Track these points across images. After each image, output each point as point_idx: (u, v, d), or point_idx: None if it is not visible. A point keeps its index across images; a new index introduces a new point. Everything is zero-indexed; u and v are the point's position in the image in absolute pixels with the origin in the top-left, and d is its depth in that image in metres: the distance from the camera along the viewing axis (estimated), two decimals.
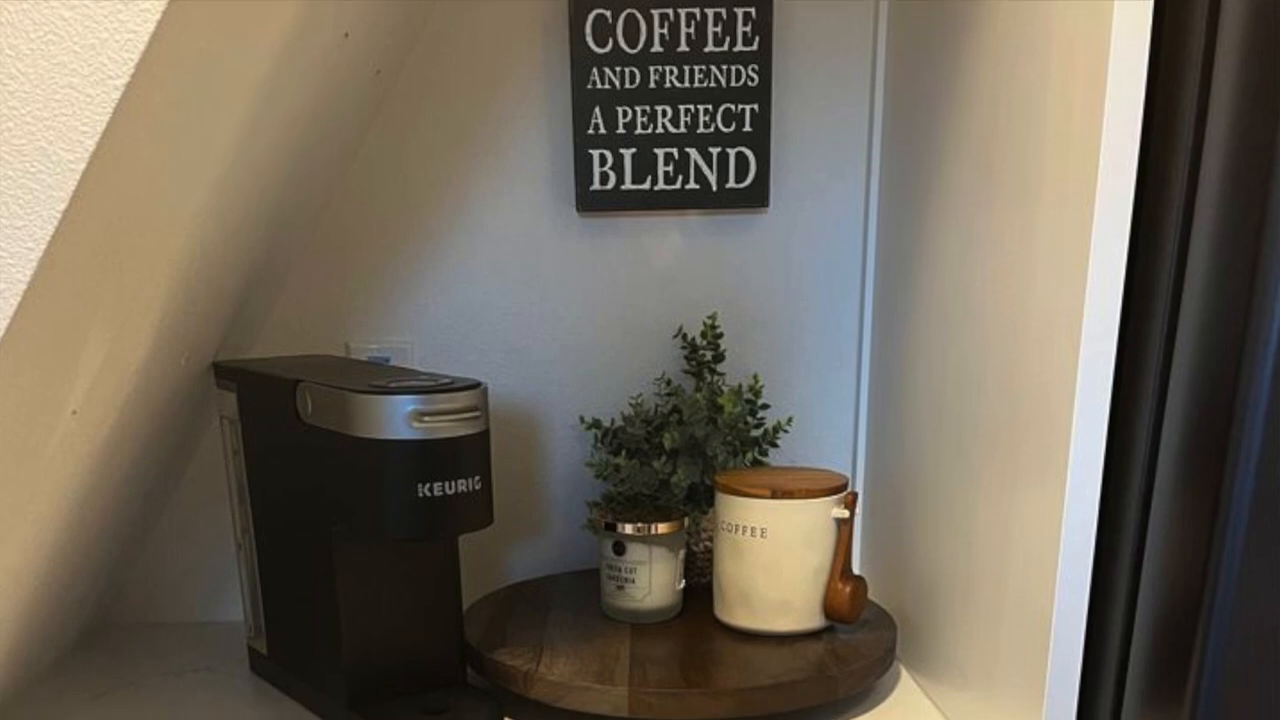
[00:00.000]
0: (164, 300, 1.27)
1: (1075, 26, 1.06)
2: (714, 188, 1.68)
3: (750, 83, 1.65)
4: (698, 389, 1.65)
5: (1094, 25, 1.03)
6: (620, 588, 1.54)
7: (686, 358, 1.70)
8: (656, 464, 1.61)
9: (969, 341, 1.34)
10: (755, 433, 1.66)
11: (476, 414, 1.30)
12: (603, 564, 1.56)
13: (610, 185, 1.67)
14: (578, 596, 1.65)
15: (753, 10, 1.62)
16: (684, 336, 1.73)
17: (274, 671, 1.54)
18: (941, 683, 1.44)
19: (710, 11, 1.62)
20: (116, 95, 0.95)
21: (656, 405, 1.68)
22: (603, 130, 1.65)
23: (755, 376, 1.69)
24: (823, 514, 1.47)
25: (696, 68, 1.64)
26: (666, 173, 1.67)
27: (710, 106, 1.65)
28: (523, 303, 1.73)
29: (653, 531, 1.51)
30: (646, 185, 1.67)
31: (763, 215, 1.72)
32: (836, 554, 1.48)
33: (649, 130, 1.66)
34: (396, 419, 1.25)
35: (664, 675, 1.38)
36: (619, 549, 1.53)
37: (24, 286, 0.98)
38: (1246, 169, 0.95)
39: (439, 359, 1.73)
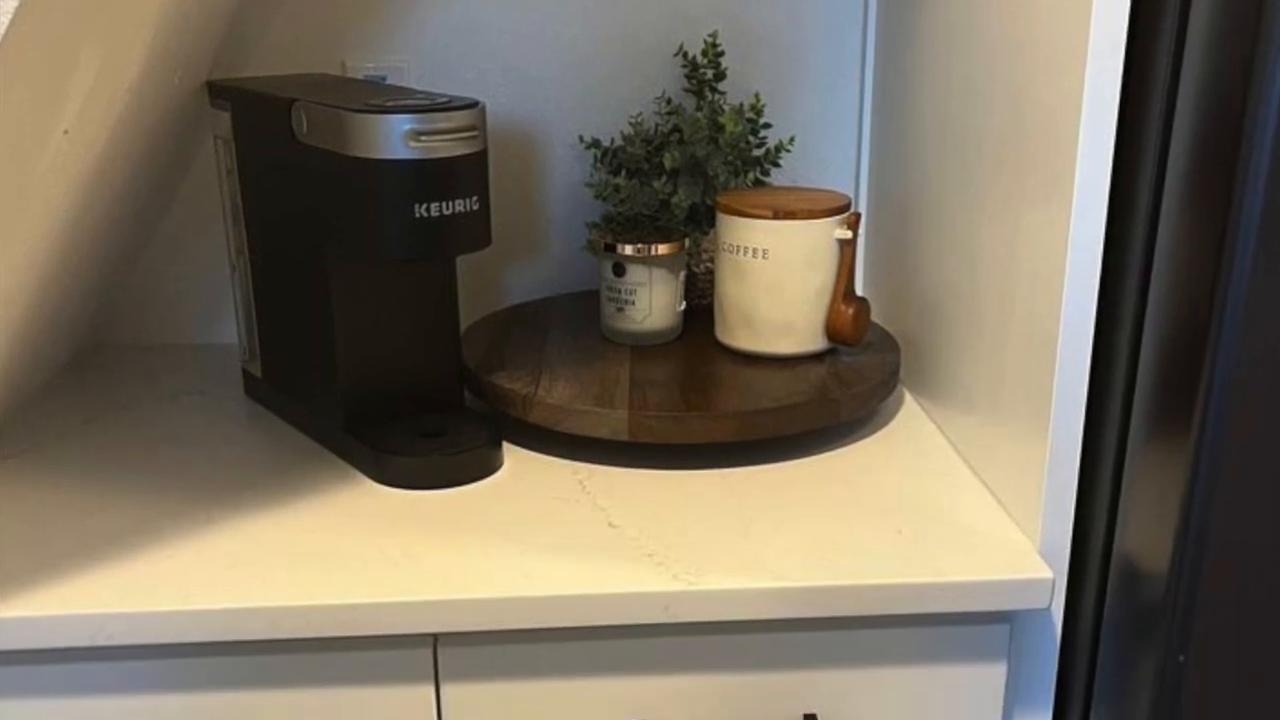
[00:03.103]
0: (157, 17, 1.24)
1: None
2: None
3: None
4: (698, 108, 1.63)
5: None
6: (620, 309, 1.54)
7: (687, 76, 1.67)
8: (657, 184, 1.59)
9: (975, 60, 1.31)
10: (757, 152, 1.63)
11: (474, 133, 1.28)
12: (602, 286, 1.55)
13: None
14: (576, 319, 1.65)
15: None
16: (684, 55, 1.69)
17: (269, 395, 1.54)
18: (946, 407, 1.45)
19: None
20: None
21: (657, 125, 1.66)
22: None
23: (756, 96, 1.66)
24: (825, 234, 1.45)
25: None
26: None
27: None
28: (521, 20, 1.69)
29: (653, 253, 1.50)
30: None
31: None
32: (839, 275, 1.47)
33: None
34: (393, 138, 1.23)
35: (664, 398, 1.38)
36: (619, 270, 1.51)
37: (15, 4, 0.95)
38: None
39: (436, 78, 1.70)
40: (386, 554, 1.19)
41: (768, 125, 1.64)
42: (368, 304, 1.37)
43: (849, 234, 1.46)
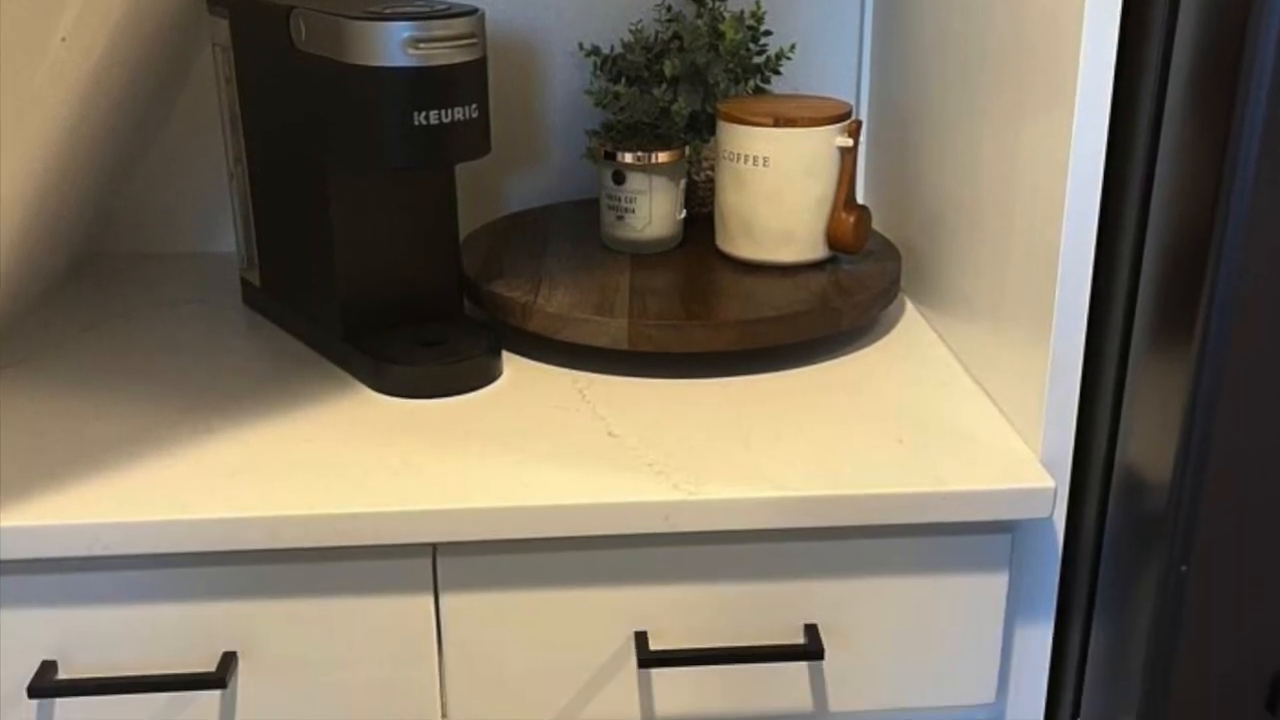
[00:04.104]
0: None
1: None
2: None
3: None
4: (698, 15, 1.61)
5: None
6: (620, 218, 1.53)
7: None
8: (657, 92, 1.58)
9: None
10: (757, 60, 1.62)
11: (474, 40, 1.27)
12: (602, 194, 1.54)
13: None
14: (576, 227, 1.64)
15: None
16: None
17: (267, 304, 1.54)
18: (947, 315, 1.44)
19: None
20: None
21: (657, 32, 1.64)
22: None
23: (757, 3, 1.64)
24: (826, 142, 1.44)
25: None
26: None
27: None
28: None
29: (653, 160, 1.49)
30: None
31: None
32: (840, 183, 1.46)
33: None
34: (392, 45, 1.22)
35: (664, 307, 1.37)
36: (619, 178, 1.51)
37: None
38: None
39: None
40: (385, 463, 1.19)
41: (768, 32, 1.63)
42: (367, 213, 1.37)
43: (850, 142, 1.45)
